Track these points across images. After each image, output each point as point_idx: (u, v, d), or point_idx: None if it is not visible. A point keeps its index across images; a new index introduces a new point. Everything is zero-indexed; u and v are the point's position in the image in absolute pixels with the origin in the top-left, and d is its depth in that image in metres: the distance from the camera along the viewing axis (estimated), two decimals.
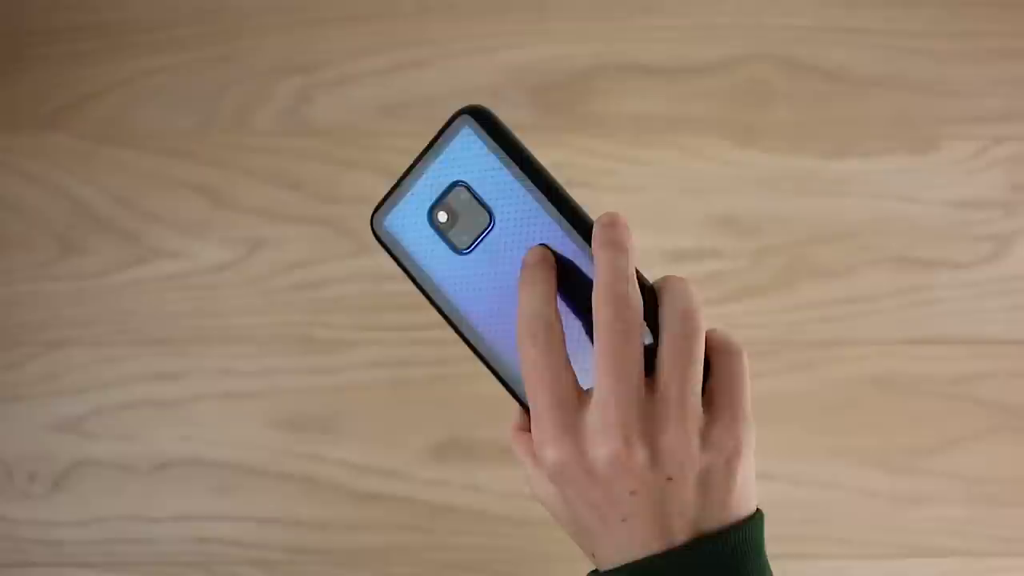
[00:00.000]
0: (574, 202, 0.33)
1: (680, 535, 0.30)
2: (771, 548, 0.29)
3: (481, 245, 0.33)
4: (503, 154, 0.33)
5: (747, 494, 0.32)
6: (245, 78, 0.70)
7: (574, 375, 0.31)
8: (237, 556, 0.65)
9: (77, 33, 0.70)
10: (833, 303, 0.68)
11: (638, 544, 0.30)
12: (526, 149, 0.33)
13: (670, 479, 0.30)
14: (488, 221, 0.33)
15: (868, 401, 0.67)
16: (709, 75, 0.71)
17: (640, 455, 0.30)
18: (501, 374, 0.33)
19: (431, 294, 0.34)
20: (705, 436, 0.31)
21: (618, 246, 0.31)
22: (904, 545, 0.66)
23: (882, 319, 0.68)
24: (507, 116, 0.72)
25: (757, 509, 0.32)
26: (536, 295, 0.31)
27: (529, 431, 0.33)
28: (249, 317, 0.67)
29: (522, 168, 0.33)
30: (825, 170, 0.70)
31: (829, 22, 0.72)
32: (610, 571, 0.31)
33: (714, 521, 0.31)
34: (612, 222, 0.31)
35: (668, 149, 0.70)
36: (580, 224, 0.33)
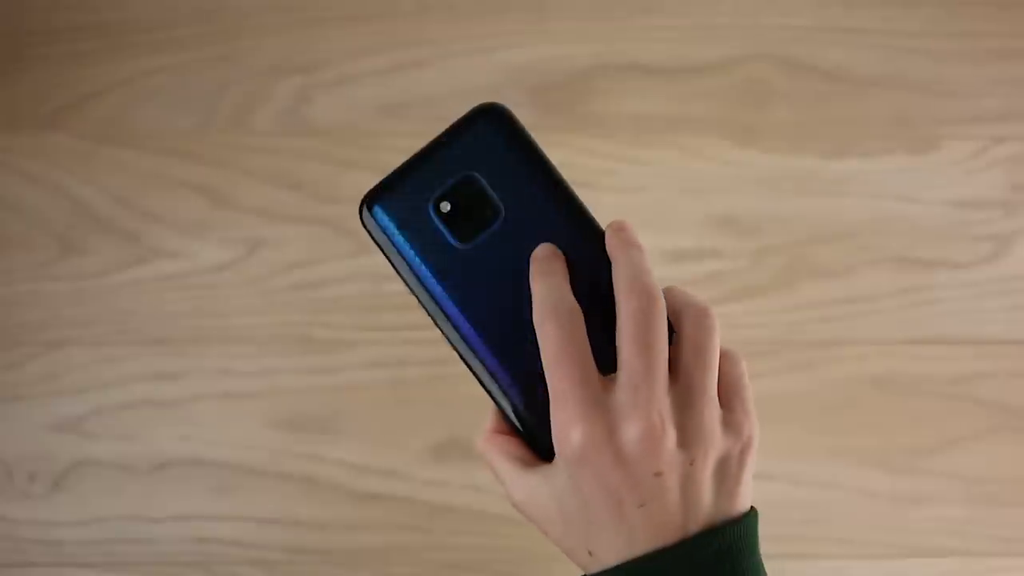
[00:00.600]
0: (584, 207, 0.34)
1: (693, 525, 0.31)
2: (771, 548, 0.29)
3: (484, 239, 0.33)
4: (519, 152, 0.33)
5: (749, 489, 0.33)
6: (245, 78, 0.70)
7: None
8: (237, 556, 0.65)
9: (77, 33, 0.70)
10: (833, 303, 0.68)
11: (652, 533, 0.30)
12: (541, 150, 0.34)
13: (692, 463, 0.31)
14: (495, 216, 0.33)
15: (868, 401, 0.67)
16: (709, 75, 0.71)
17: (670, 434, 0.30)
18: (480, 368, 0.33)
19: (419, 284, 0.33)
20: (725, 423, 0.32)
21: (635, 245, 0.33)
22: (904, 545, 0.66)
23: (882, 319, 0.68)
24: None
25: (752, 506, 0.33)
26: (555, 283, 0.32)
27: (506, 433, 0.34)
28: (248, 317, 0.67)
29: (536, 168, 0.33)
30: (825, 170, 0.70)
31: (828, 22, 0.72)
32: (618, 567, 0.30)
33: (722, 512, 0.31)
34: (623, 227, 0.33)
35: (668, 149, 0.70)
36: (589, 228, 0.33)
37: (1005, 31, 0.72)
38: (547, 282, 0.32)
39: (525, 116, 0.69)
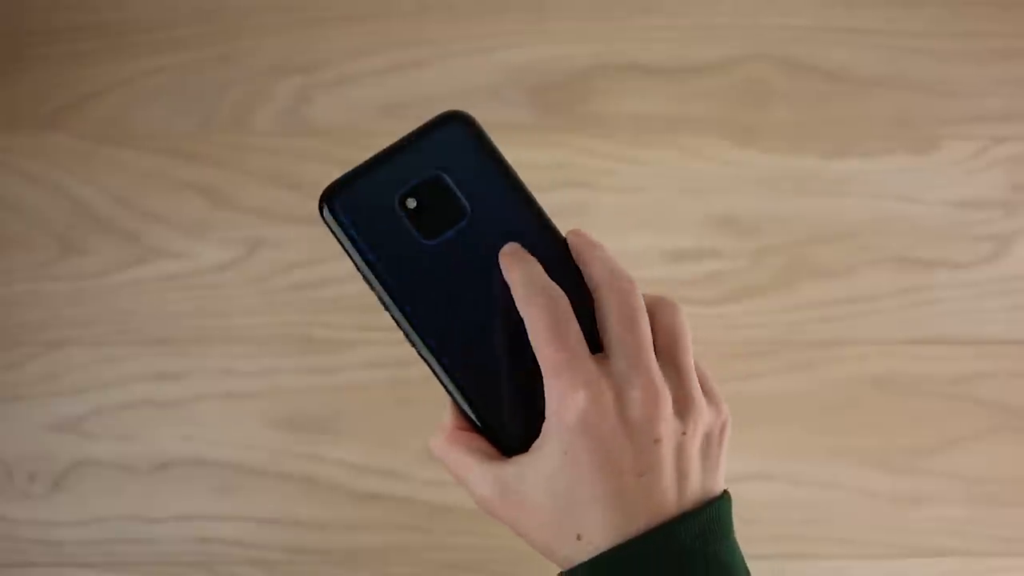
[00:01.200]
0: (545, 213, 0.34)
1: (684, 500, 0.31)
2: (771, 548, 0.29)
3: (448, 237, 0.34)
4: (485, 157, 0.34)
5: (724, 470, 0.33)
6: (245, 78, 0.70)
7: None
8: (237, 556, 0.65)
9: (77, 33, 0.70)
10: (833, 303, 0.68)
11: (649, 507, 0.30)
12: (504, 158, 0.35)
13: (684, 433, 0.31)
14: (460, 216, 0.34)
15: (868, 401, 0.67)
16: (709, 75, 0.71)
17: (669, 399, 0.31)
18: (439, 365, 0.33)
19: (380, 278, 0.33)
20: (706, 399, 0.33)
21: (600, 245, 0.34)
22: (904, 545, 0.66)
23: (882, 319, 0.68)
24: (506, 116, 0.73)
25: (725, 489, 0.33)
26: (534, 268, 0.33)
27: (469, 430, 0.34)
28: (249, 317, 0.67)
29: (501, 173, 0.34)
30: (825, 170, 0.70)
31: (829, 22, 0.72)
32: (613, 549, 0.30)
33: (707, 490, 0.32)
34: (584, 232, 0.34)
35: (668, 149, 0.70)
36: (550, 233, 0.34)
37: (1009, 31, 0.72)
38: (525, 268, 0.33)
39: (524, 116, 0.69)
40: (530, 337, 0.31)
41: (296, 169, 0.69)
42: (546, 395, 0.31)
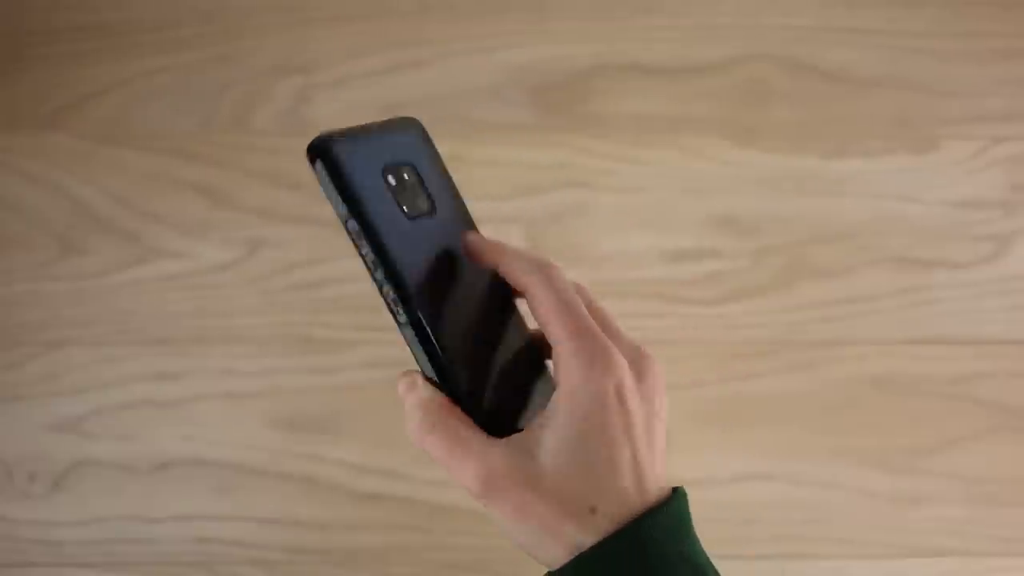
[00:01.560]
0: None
1: (665, 478, 0.32)
2: (771, 548, 0.29)
3: (421, 222, 0.34)
4: (439, 164, 0.35)
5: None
6: (245, 78, 0.70)
7: None
8: (237, 556, 0.65)
9: (77, 33, 0.70)
10: (833, 303, 0.68)
11: (655, 477, 0.31)
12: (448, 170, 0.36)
13: (660, 417, 0.32)
14: (428, 208, 0.34)
15: (868, 401, 0.67)
16: (710, 75, 0.71)
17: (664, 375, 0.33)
18: (417, 337, 0.33)
19: (372, 235, 0.32)
20: None
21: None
22: (904, 545, 0.66)
23: (882, 319, 0.68)
24: (507, 116, 0.73)
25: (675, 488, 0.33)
26: (516, 251, 0.33)
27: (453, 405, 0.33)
28: (249, 317, 0.67)
29: (450, 182, 0.36)
30: (825, 170, 0.70)
31: (830, 22, 0.72)
32: (627, 526, 0.29)
33: (664, 474, 0.32)
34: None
35: (668, 149, 0.70)
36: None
37: (1010, 31, 0.72)
38: (513, 252, 0.33)
39: (525, 116, 0.69)
40: (537, 310, 0.31)
41: (296, 169, 0.69)
42: (563, 366, 0.30)
